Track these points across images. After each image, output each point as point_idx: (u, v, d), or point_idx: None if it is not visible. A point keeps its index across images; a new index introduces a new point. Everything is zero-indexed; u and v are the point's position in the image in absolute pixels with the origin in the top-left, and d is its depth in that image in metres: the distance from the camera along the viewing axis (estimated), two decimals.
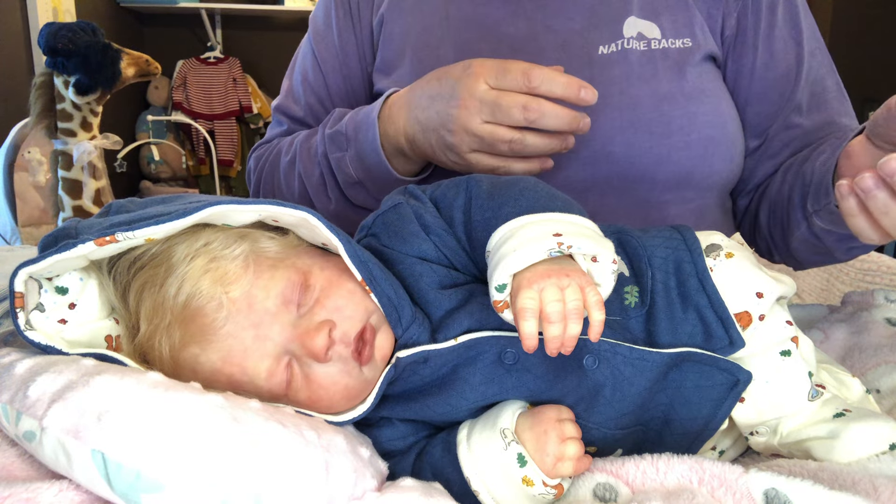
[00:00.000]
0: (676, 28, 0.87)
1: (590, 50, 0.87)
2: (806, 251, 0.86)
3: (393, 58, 0.94)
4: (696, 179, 0.86)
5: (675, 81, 0.85)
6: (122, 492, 0.43)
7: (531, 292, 0.49)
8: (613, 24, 0.87)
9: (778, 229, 0.88)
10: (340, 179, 0.88)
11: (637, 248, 0.63)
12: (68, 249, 0.50)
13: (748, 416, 0.60)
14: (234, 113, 3.92)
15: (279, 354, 0.54)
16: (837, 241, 0.80)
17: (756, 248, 0.97)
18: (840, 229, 0.76)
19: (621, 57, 0.86)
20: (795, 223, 0.83)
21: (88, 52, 1.84)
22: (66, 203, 1.95)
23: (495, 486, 0.54)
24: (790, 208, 0.83)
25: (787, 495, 0.47)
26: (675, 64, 0.85)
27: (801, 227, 0.82)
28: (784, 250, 0.90)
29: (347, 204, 0.90)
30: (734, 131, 0.88)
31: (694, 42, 0.87)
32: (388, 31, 0.95)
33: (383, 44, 0.96)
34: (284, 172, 0.96)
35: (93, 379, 0.46)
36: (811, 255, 0.87)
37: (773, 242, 0.91)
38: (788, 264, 0.94)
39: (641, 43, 0.86)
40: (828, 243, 0.81)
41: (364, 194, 0.88)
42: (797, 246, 0.86)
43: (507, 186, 0.59)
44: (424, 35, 0.92)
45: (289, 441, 0.47)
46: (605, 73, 0.85)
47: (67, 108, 1.89)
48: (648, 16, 0.88)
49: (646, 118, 0.84)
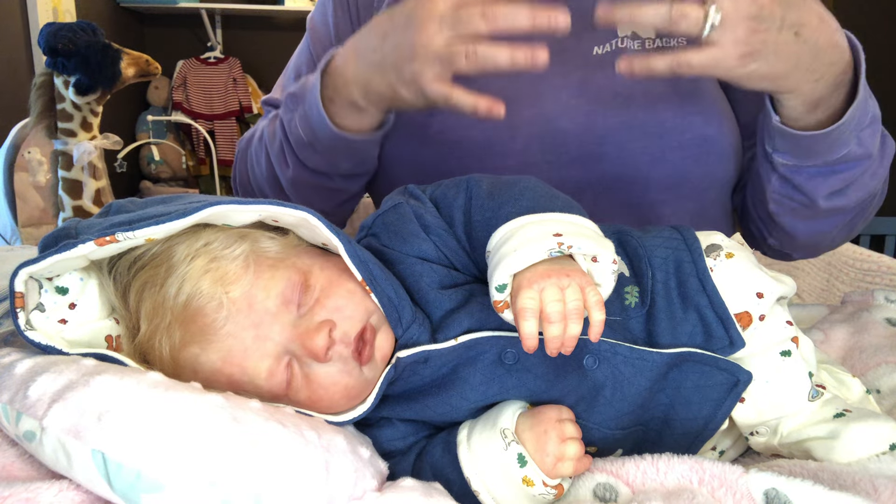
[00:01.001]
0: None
1: (584, 51, 0.87)
2: (787, 213, 0.84)
3: None
4: (691, 179, 0.86)
5: (668, 81, 0.85)
6: (123, 492, 0.43)
7: (531, 292, 0.49)
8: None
9: (757, 196, 0.86)
10: (293, 141, 0.86)
11: (637, 249, 0.63)
12: (68, 249, 0.50)
13: (748, 416, 0.60)
14: (235, 113, 3.91)
15: (279, 354, 0.54)
16: (808, 178, 0.77)
17: (751, 238, 0.96)
18: (802, 160, 0.75)
19: (615, 57, 0.86)
20: (766, 176, 0.81)
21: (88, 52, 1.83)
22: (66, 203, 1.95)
23: (495, 486, 0.54)
24: (757, 164, 0.82)
25: (787, 495, 0.47)
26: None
27: (772, 177, 0.80)
28: (769, 222, 0.88)
29: (303, 168, 0.88)
30: (729, 130, 0.88)
31: (688, 41, 0.87)
32: None
33: None
34: (255, 149, 0.95)
35: (93, 379, 0.46)
36: (795, 218, 0.84)
37: (760, 218, 0.90)
38: (783, 243, 0.92)
39: (636, 43, 0.86)
40: (800, 183, 0.78)
41: (315, 156, 0.86)
42: (776, 209, 0.83)
43: (507, 186, 0.59)
44: None
45: (289, 441, 0.47)
46: (600, 73, 0.86)
47: (67, 108, 1.88)
48: None
49: (640, 118, 0.84)
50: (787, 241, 0.92)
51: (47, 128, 1.93)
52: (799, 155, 0.75)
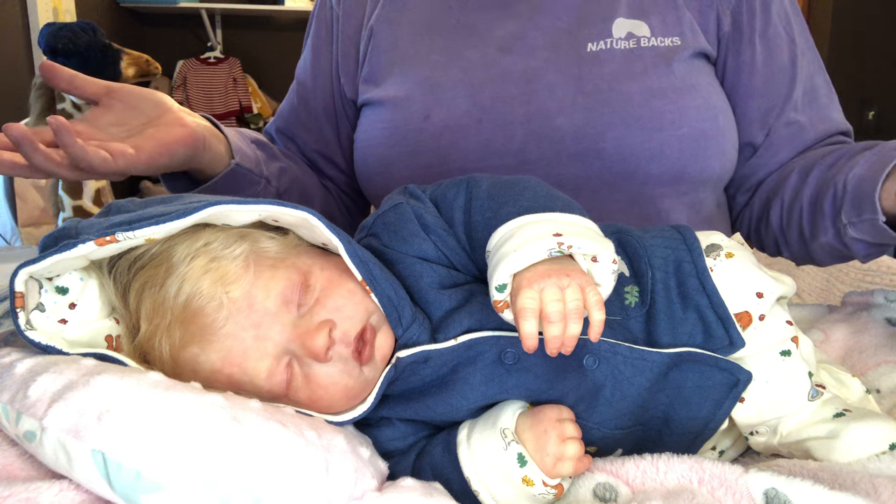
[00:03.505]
0: (665, 27, 0.88)
1: (578, 48, 0.88)
2: (825, 255, 0.85)
3: (382, 67, 0.95)
4: (689, 174, 0.86)
5: (664, 77, 0.85)
6: (122, 492, 0.43)
7: (531, 292, 0.49)
8: (602, 22, 0.89)
9: (795, 232, 0.87)
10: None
11: (637, 248, 0.63)
12: (68, 249, 0.50)
13: (748, 415, 0.60)
14: (235, 113, 3.92)
15: (279, 354, 0.54)
16: (865, 248, 0.79)
17: (760, 244, 0.97)
18: (876, 240, 0.75)
19: (609, 54, 0.87)
20: (822, 230, 0.82)
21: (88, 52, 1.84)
22: (66, 203, 1.95)
23: (495, 486, 0.54)
24: (817, 215, 0.82)
25: (787, 495, 0.47)
26: (663, 60, 0.86)
27: (828, 234, 0.81)
28: (799, 251, 0.89)
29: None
30: (726, 125, 0.88)
31: (683, 41, 0.88)
32: (377, 43, 0.96)
33: (372, 55, 0.97)
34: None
35: (93, 379, 0.46)
36: (830, 258, 0.86)
37: (787, 243, 0.90)
38: (798, 261, 0.93)
39: (631, 41, 0.87)
40: (855, 250, 0.80)
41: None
42: (817, 249, 0.85)
43: (507, 186, 0.59)
44: (414, 43, 0.93)
45: (289, 441, 0.47)
46: (594, 70, 0.86)
47: (67, 108, 1.88)
48: (637, 15, 0.89)
49: (636, 114, 0.84)
50: (806, 262, 0.93)
51: None
52: (877, 237, 0.75)
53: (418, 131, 0.89)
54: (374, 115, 0.95)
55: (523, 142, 0.86)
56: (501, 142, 0.87)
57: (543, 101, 0.87)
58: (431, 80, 0.91)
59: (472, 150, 0.88)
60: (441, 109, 0.89)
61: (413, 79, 0.91)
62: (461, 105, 0.89)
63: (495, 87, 0.89)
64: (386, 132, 0.92)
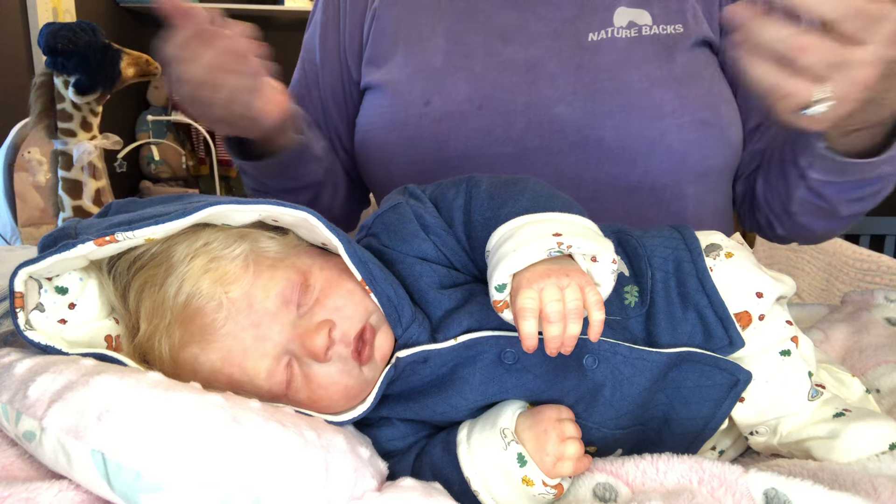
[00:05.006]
0: (668, 14, 0.88)
1: (580, 37, 0.88)
2: (808, 213, 0.85)
3: (385, 50, 0.95)
4: (690, 163, 0.86)
5: (665, 65, 0.85)
6: (122, 492, 0.43)
7: (531, 292, 0.49)
8: (603, 12, 0.88)
9: (776, 196, 0.87)
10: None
11: (637, 248, 0.63)
12: (68, 249, 0.50)
13: (748, 415, 0.60)
14: None
15: (279, 354, 0.54)
16: (838, 192, 0.78)
17: (756, 225, 0.97)
18: (841, 176, 0.75)
19: (611, 43, 0.86)
20: (794, 184, 0.82)
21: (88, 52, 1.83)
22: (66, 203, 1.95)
23: (495, 486, 0.54)
24: (784, 167, 0.82)
25: (786, 495, 0.47)
26: (664, 49, 0.86)
27: (800, 186, 0.81)
28: (786, 218, 0.89)
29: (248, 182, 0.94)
30: (729, 114, 0.88)
31: (686, 28, 0.87)
32: (380, 26, 0.96)
33: (375, 37, 0.97)
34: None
35: (93, 379, 0.46)
36: (814, 218, 0.85)
37: (773, 212, 0.90)
38: (793, 235, 0.93)
39: (632, 30, 0.87)
40: (829, 195, 0.79)
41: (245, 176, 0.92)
42: (798, 210, 0.84)
43: (507, 186, 0.59)
44: (417, 28, 0.93)
45: (289, 441, 0.47)
46: (596, 59, 0.86)
47: (67, 108, 1.88)
48: (639, 3, 0.88)
49: (637, 102, 0.84)
50: (799, 234, 0.92)
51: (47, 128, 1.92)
52: (838, 173, 0.75)
53: (419, 116, 0.89)
54: (376, 99, 0.95)
55: (524, 130, 0.86)
56: (502, 129, 0.87)
57: (544, 90, 0.86)
58: (433, 66, 0.91)
59: (473, 136, 0.87)
60: (442, 95, 0.89)
61: (414, 63, 0.91)
62: (462, 91, 0.88)
63: (496, 74, 0.88)
64: (386, 117, 0.92)
